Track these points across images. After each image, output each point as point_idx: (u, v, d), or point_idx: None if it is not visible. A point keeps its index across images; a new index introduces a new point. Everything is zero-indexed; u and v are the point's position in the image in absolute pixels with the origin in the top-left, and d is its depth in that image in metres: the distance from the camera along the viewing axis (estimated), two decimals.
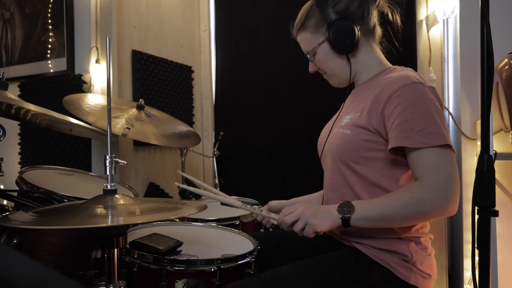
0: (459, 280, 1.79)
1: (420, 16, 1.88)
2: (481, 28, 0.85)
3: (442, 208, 0.93)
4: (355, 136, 1.07)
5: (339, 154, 1.11)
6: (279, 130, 2.42)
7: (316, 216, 0.97)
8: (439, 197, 0.93)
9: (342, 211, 0.97)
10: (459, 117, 1.80)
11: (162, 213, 0.94)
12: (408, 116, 0.98)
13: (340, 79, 1.21)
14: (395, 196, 0.98)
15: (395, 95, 1.01)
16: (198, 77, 2.73)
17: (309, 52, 1.20)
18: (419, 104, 0.99)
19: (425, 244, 1.07)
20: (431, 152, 0.96)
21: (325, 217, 0.97)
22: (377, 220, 0.97)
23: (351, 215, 0.96)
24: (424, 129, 0.96)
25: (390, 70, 1.14)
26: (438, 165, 0.95)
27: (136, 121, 1.71)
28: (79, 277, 1.19)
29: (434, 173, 0.95)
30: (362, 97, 1.15)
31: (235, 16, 2.64)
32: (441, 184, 0.94)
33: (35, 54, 2.31)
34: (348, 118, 1.13)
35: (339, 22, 1.12)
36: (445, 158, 0.96)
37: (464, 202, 1.75)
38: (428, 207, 0.94)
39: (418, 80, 1.03)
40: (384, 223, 0.99)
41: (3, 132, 1.20)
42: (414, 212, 0.95)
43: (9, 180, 1.83)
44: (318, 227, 0.96)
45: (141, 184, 2.26)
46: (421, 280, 1.03)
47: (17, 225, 0.82)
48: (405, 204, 0.95)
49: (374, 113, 1.05)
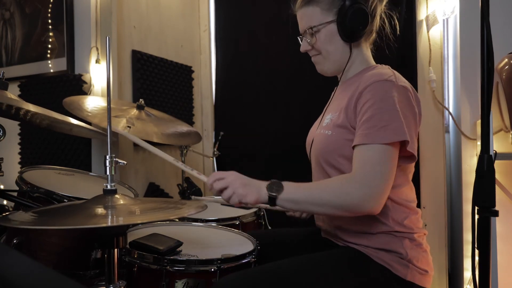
0: (459, 280, 1.79)
1: (420, 16, 1.88)
2: (481, 28, 0.85)
3: (363, 203, 0.93)
4: (336, 136, 1.08)
5: (322, 154, 1.12)
6: (279, 130, 2.42)
7: (245, 187, 0.98)
8: (363, 192, 0.94)
9: (271, 189, 0.97)
10: (459, 117, 1.81)
11: (162, 213, 0.94)
12: (372, 113, 0.99)
13: (332, 66, 1.18)
14: (325, 183, 1.00)
15: (365, 91, 1.03)
16: (198, 77, 2.73)
17: (310, 28, 1.15)
18: (384, 101, 0.99)
19: (419, 240, 1.08)
20: (374, 148, 0.96)
21: (253, 191, 0.98)
22: (303, 203, 0.98)
23: (278, 194, 0.96)
24: (387, 126, 0.96)
25: (371, 68, 1.15)
26: (375, 162, 0.96)
27: (136, 121, 1.71)
28: (79, 277, 1.19)
29: (368, 169, 0.95)
30: (343, 95, 1.16)
31: (235, 16, 2.64)
32: (369, 180, 0.94)
33: (35, 54, 2.31)
34: (329, 118, 1.14)
35: (357, 6, 1.10)
36: (385, 157, 0.96)
37: (464, 202, 1.75)
38: (349, 198, 0.94)
39: (389, 78, 1.03)
40: (309, 207, 0.99)
41: (3, 132, 1.20)
42: (338, 202, 0.95)
43: (9, 180, 1.83)
44: (244, 197, 0.97)
45: (141, 184, 2.26)
46: (418, 277, 1.04)
47: (17, 225, 0.82)
48: (332, 193, 0.96)
49: (349, 110, 1.06)
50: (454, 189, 1.96)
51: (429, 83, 1.86)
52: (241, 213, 1.56)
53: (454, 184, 1.96)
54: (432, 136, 1.87)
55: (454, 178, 1.95)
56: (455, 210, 1.91)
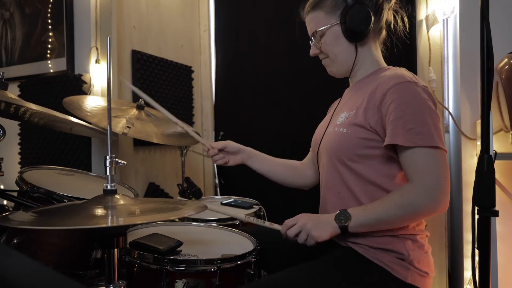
0: (459, 280, 1.79)
1: (420, 16, 1.88)
2: (481, 28, 0.85)
3: (433, 208, 0.97)
4: (352, 134, 1.08)
5: (335, 152, 1.12)
6: (279, 130, 2.42)
7: (317, 228, 1.02)
8: (429, 198, 0.96)
9: (340, 221, 1.01)
10: (459, 117, 1.80)
11: (162, 213, 0.94)
12: (400, 114, 0.99)
13: (341, 67, 1.20)
14: (387, 200, 1.01)
15: (389, 93, 1.03)
16: (198, 77, 2.73)
17: (317, 33, 1.17)
18: (411, 103, 1.00)
19: (422, 242, 1.07)
20: (422, 152, 0.97)
21: (325, 228, 1.02)
22: (373, 225, 1.01)
23: (348, 223, 1.00)
24: (413, 128, 0.97)
25: (385, 70, 1.15)
26: (429, 166, 0.97)
27: (136, 121, 1.71)
28: (79, 277, 1.19)
29: (424, 174, 0.97)
30: (357, 95, 1.15)
31: (235, 16, 2.64)
32: (431, 185, 0.96)
33: (35, 54, 2.31)
34: (343, 116, 1.14)
35: (358, 7, 1.12)
36: (436, 159, 0.98)
37: (464, 202, 1.74)
38: (418, 208, 0.97)
39: (411, 79, 1.04)
40: (380, 227, 1.02)
41: (3, 132, 1.20)
42: (406, 213, 0.98)
43: (9, 180, 1.83)
44: (319, 238, 1.01)
45: (141, 184, 2.26)
46: (418, 278, 1.03)
47: (17, 225, 0.82)
48: (397, 207, 0.98)
49: (371, 110, 1.06)
50: (454, 189, 1.95)
51: (429, 83, 1.86)
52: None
53: (454, 184, 1.96)
54: None
55: (454, 178, 1.94)
56: (455, 210, 1.91)
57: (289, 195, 2.26)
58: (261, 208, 1.68)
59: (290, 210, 1.30)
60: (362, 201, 1.07)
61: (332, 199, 1.14)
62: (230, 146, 1.41)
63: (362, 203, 1.07)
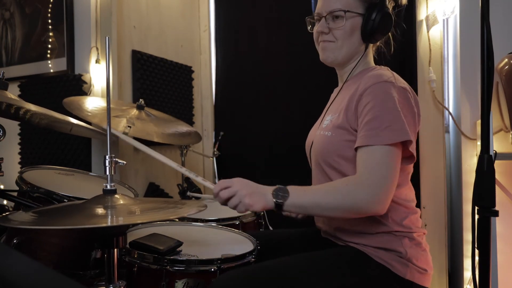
0: (459, 280, 1.79)
1: (420, 16, 1.88)
2: (481, 28, 0.85)
3: (371, 205, 0.95)
4: (336, 137, 1.08)
5: (322, 156, 1.12)
6: (279, 130, 2.42)
7: (251, 197, 0.97)
8: (370, 194, 0.94)
9: (277, 196, 0.98)
10: (459, 117, 1.81)
11: (162, 213, 0.94)
12: (374, 114, 0.99)
13: (339, 58, 1.16)
14: (331, 187, 1.01)
15: (365, 93, 1.03)
16: (198, 77, 2.73)
17: (335, 12, 1.10)
18: (383, 104, 1.00)
19: (419, 239, 1.08)
20: (377, 149, 0.97)
21: (259, 199, 0.98)
22: (309, 208, 0.99)
23: (284, 200, 0.97)
24: (389, 126, 0.97)
25: (370, 70, 1.15)
26: (380, 163, 0.96)
27: (136, 121, 1.71)
28: (79, 277, 1.19)
29: (373, 170, 0.96)
30: (342, 96, 1.16)
31: (235, 16, 2.64)
32: (375, 182, 0.95)
33: (35, 54, 2.31)
34: (328, 119, 1.15)
35: (386, 10, 1.10)
36: (389, 159, 0.97)
37: (464, 202, 1.75)
38: (357, 200, 0.95)
39: (388, 79, 1.03)
40: (315, 211, 1.01)
41: (3, 132, 1.20)
42: (344, 203, 0.96)
43: (9, 180, 1.83)
44: (251, 206, 0.97)
45: (141, 184, 2.26)
46: (417, 275, 1.04)
47: (17, 225, 0.82)
48: (338, 196, 0.96)
49: (350, 111, 1.06)
50: (454, 189, 1.96)
51: (429, 83, 1.86)
52: (241, 213, 1.55)
53: (454, 184, 1.96)
54: (432, 136, 1.87)
55: (454, 178, 1.94)
56: (455, 210, 1.91)
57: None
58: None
59: None
60: None
61: None
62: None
63: None
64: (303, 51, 2.26)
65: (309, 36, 1.22)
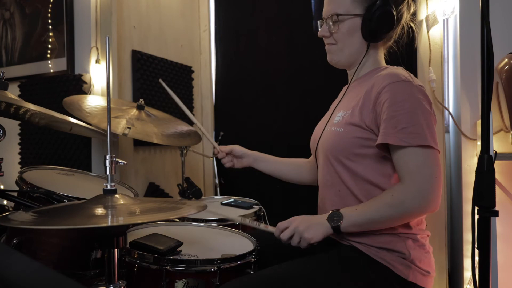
0: (459, 280, 1.79)
1: (420, 16, 1.88)
2: (481, 28, 0.85)
3: (423, 207, 0.97)
4: (348, 133, 1.08)
5: (332, 151, 1.12)
6: (279, 130, 2.42)
7: (309, 230, 1.02)
8: (419, 198, 0.96)
9: (332, 221, 1.02)
10: (459, 117, 1.80)
11: (162, 213, 0.94)
12: (393, 113, 0.99)
13: (344, 60, 1.18)
14: (378, 200, 1.02)
15: (383, 92, 1.03)
16: (198, 77, 2.73)
17: (333, 15, 1.13)
18: (405, 102, 1.00)
19: (423, 241, 1.08)
20: (413, 151, 0.98)
21: (317, 230, 1.02)
22: (365, 225, 1.02)
23: (340, 223, 1.01)
24: (406, 128, 0.97)
25: (382, 69, 1.15)
26: (420, 165, 0.97)
27: (136, 121, 1.71)
28: (79, 277, 1.19)
29: (415, 174, 0.97)
30: (354, 94, 1.15)
31: (235, 16, 2.64)
32: (421, 185, 0.96)
33: (35, 54, 2.31)
34: (340, 115, 1.14)
35: (387, 8, 1.10)
36: (427, 158, 0.97)
37: (464, 202, 1.74)
38: (409, 207, 0.97)
39: (406, 78, 1.04)
40: (372, 226, 1.02)
41: (3, 132, 1.20)
42: (397, 213, 0.98)
43: (9, 180, 1.83)
44: (312, 240, 1.02)
45: (141, 184, 2.26)
46: (420, 277, 1.04)
47: (17, 225, 0.82)
48: (388, 207, 0.98)
49: (366, 109, 1.06)
50: (454, 189, 1.95)
51: (429, 83, 1.86)
52: (241, 213, 1.55)
53: (454, 184, 1.96)
54: None
55: (454, 178, 1.94)
56: (455, 210, 1.91)
57: (289, 195, 2.26)
58: (261, 208, 1.67)
59: (289, 210, 1.30)
60: (360, 200, 1.08)
61: (332, 198, 1.15)
62: (236, 150, 1.46)
63: (361, 201, 1.07)
64: (303, 51, 2.26)
65: (309, 36, 1.23)
